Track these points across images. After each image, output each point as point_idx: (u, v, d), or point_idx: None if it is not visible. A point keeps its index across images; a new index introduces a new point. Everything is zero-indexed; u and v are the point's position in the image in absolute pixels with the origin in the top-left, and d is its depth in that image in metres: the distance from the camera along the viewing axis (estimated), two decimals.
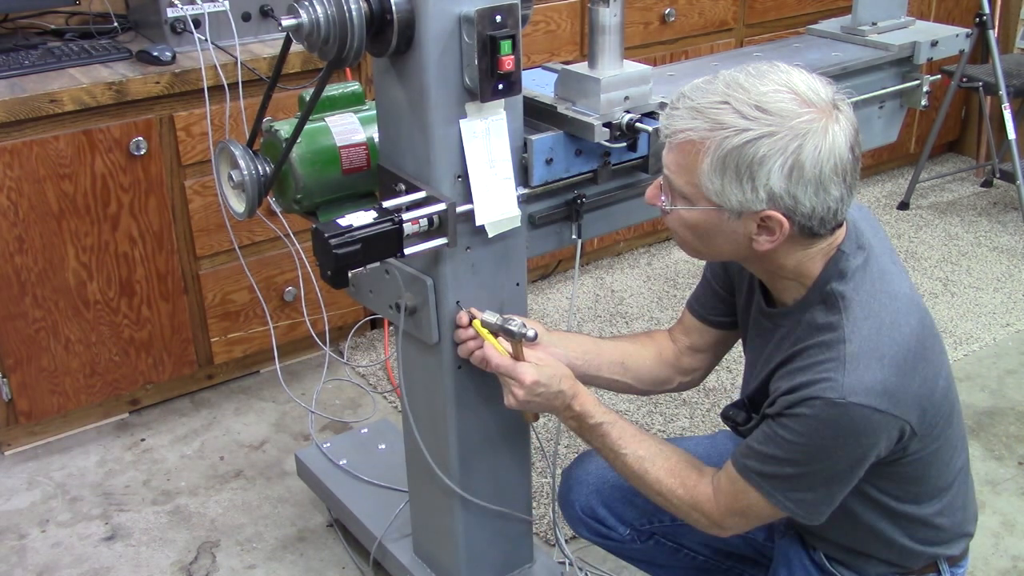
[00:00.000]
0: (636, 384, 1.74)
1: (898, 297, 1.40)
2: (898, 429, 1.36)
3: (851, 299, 1.38)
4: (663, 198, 1.41)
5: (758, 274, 1.49)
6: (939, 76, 3.25)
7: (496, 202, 1.58)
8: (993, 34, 3.67)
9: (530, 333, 1.56)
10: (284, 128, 1.67)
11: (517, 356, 1.58)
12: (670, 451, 1.56)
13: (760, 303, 1.53)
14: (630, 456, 1.55)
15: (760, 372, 1.51)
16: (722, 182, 1.31)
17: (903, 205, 3.94)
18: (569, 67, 1.67)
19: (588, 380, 1.67)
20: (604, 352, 1.72)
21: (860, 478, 1.41)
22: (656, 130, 1.62)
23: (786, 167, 1.28)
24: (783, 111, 1.28)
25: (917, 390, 1.37)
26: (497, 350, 1.58)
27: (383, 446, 2.36)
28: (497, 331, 1.59)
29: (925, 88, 2.10)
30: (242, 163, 1.67)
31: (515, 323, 1.56)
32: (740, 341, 1.69)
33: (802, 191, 1.30)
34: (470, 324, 1.62)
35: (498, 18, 1.45)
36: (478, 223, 1.58)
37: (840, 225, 1.40)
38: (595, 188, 1.72)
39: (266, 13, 2.58)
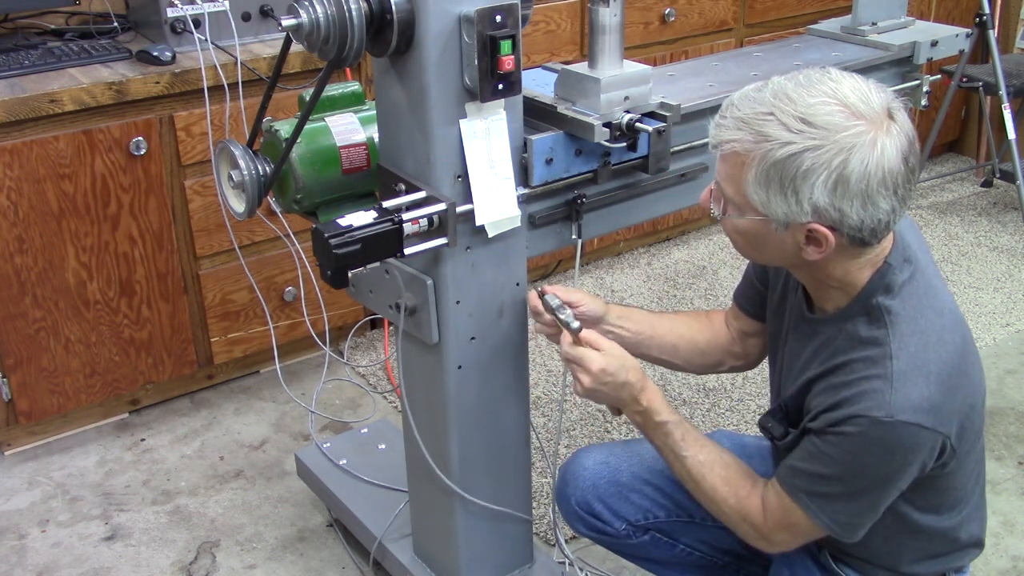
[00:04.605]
0: (686, 365, 1.78)
1: (944, 313, 1.40)
2: (940, 444, 1.37)
3: (898, 314, 1.38)
4: (714, 205, 1.41)
5: (804, 280, 1.49)
6: (939, 76, 3.26)
7: (496, 202, 1.58)
8: (993, 34, 3.67)
9: (574, 324, 1.55)
10: (284, 128, 1.67)
11: (577, 340, 1.56)
12: (729, 458, 1.56)
13: (802, 308, 1.52)
14: (690, 459, 1.55)
15: (796, 378, 1.51)
16: (767, 194, 1.31)
17: None
18: (569, 67, 1.67)
19: (638, 356, 1.68)
20: (658, 334, 1.74)
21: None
22: (656, 130, 1.62)
23: (830, 181, 1.27)
24: (829, 124, 1.27)
25: (959, 407, 1.37)
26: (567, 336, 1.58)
27: (383, 446, 2.36)
28: (551, 313, 1.58)
29: (925, 88, 2.10)
30: (242, 163, 1.67)
31: (565, 312, 1.56)
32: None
33: (848, 205, 1.29)
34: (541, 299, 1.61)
35: (498, 18, 1.45)
36: (478, 223, 1.58)
37: (889, 233, 1.39)
38: (595, 188, 1.72)
39: (266, 13, 2.58)
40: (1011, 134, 3.61)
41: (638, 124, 1.61)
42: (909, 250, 1.42)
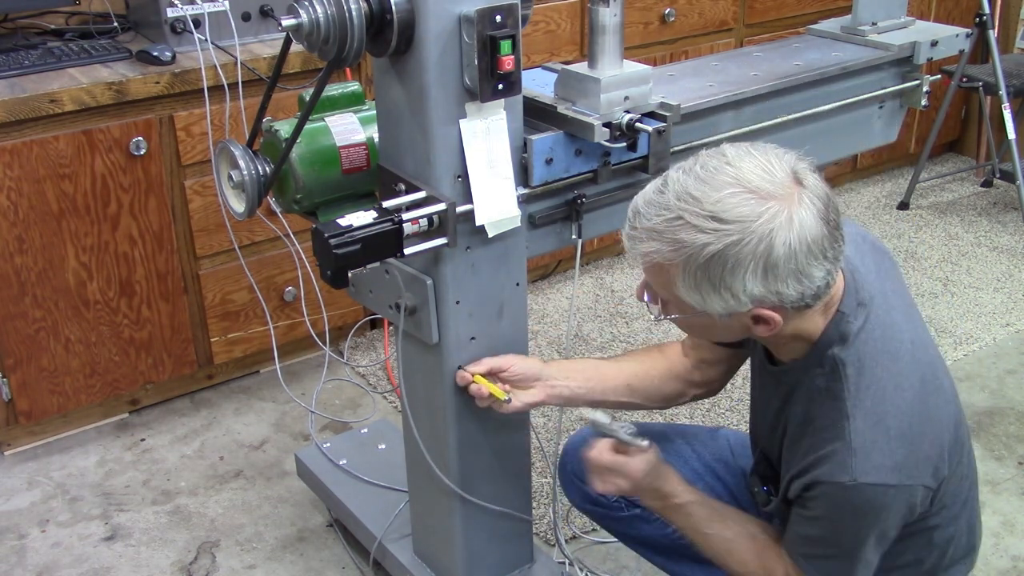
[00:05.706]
0: (646, 403, 1.75)
1: (900, 357, 1.37)
2: (918, 494, 1.36)
3: (852, 366, 1.36)
4: (651, 306, 1.39)
5: (759, 340, 1.47)
6: (939, 76, 3.26)
7: (496, 202, 1.58)
8: (993, 34, 3.67)
9: (644, 443, 1.52)
10: (284, 128, 1.66)
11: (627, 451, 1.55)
12: (755, 529, 1.54)
13: (763, 360, 1.52)
14: (715, 537, 1.53)
15: (767, 423, 1.52)
16: (701, 295, 1.29)
17: (903, 205, 3.94)
18: (569, 67, 1.67)
19: (595, 404, 1.66)
20: (608, 378, 1.72)
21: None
22: (656, 130, 1.62)
23: (759, 271, 1.25)
24: (741, 216, 1.24)
25: (927, 452, 1.35)
26: (497, 396, 1.61)
27: (383, 446, 2.36)
28: (610, 435, 1.56)
29: (925, 88, 2.10)
30: (242, 163, 1.67)
31: (626, 428, 1.54)
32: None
33: (783, 286, 1.27)
34: (474, 380, 1.64)
35: (498, 18, 1.45)
36: (478, 223, 1.58)
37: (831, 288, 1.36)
38: (595, 188, 1.71)
39: (266, 13, 2.58)
40: (1011, 134, 3.61)
41: (638, 124, 1.61)
42: (862, 291, 1.39)
